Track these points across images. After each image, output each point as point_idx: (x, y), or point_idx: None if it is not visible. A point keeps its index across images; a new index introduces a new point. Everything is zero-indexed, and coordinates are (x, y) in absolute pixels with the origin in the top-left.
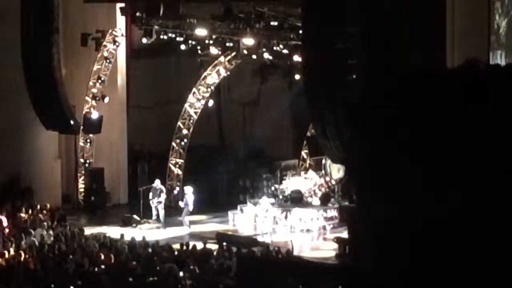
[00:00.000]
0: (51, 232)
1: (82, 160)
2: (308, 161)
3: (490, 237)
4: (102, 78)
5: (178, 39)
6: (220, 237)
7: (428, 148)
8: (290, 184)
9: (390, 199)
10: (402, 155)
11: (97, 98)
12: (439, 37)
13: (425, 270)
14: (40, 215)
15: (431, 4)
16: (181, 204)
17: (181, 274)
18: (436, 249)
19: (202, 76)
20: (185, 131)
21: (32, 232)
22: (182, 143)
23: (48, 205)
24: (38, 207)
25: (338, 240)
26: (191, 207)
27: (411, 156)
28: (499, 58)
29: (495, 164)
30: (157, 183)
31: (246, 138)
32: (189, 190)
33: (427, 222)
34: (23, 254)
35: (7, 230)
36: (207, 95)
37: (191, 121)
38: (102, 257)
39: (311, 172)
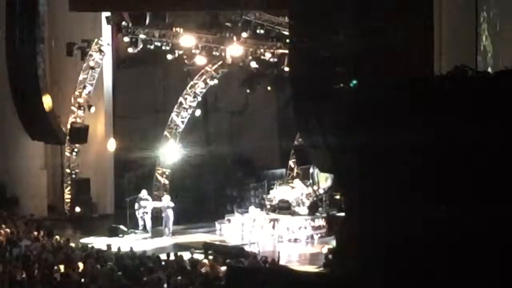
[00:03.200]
0: (37, 243)
1: (68, 170)
2: (295, 170)
3: (479, 249)
4: (88, 88)
5: (164, 48)
6: (207, 247)
7: (417, 160)
8: (278, 193)
9: (378, 210)
10: (389, 168)
11: (83, 108)
12: (427, 49)
13: (411, 281)
14: (26, 226)
15: (418, 15)
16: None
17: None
18: (422, 260)
19: (189, 85)
20: (172, 141)
21: (19, 243)
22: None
23: (34, 216)
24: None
25: (326, 249)
26: (171, 217)
27: (398, 169)
28: None
29: (486, 175)
30: (143, 193)
31: (233, 147)
32: (166, 199)
33: (414, 233)
34: (9, 265)
35: None
36: (194, 104)
37: (178, 130)
38: None
39: (297, 181)
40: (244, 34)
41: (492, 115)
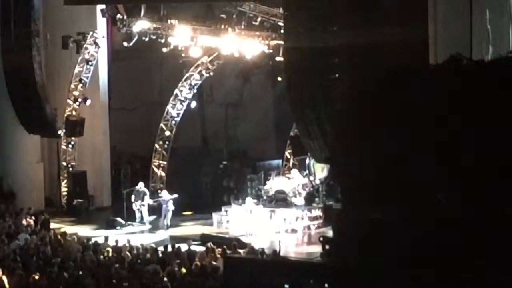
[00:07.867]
0: (35, 236)
1: (64, 163)
2: (291, 161)
3: (476, 238)
4: (84, 81)
5: (159, 40)
6: (204, 238)
7: (414, 148)
8: (274, 184)
9: (374, 200)
10: (385, 156)
11: (79, 101)
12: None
13: (409, 269)
14: (24, 219)
15: (413, 6)
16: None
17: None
18: (420, 249)
19: (184, 77)
20: (167, 133)
21: (16, 236)
22: (165, 145)
23: (32, 209)
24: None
25: (323, 239)
26: (168, 211)
27: (396, 157)
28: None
29: (484, 163)
30: (140, 185)
31: (230, 139)
32: (165, 194)
33: (412, 222)
34: (7, 259)
35: None
36: (189, 96)
37: (174, 122)
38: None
39: (294, 172)
40: (239, 26)
41: (487, 102)
